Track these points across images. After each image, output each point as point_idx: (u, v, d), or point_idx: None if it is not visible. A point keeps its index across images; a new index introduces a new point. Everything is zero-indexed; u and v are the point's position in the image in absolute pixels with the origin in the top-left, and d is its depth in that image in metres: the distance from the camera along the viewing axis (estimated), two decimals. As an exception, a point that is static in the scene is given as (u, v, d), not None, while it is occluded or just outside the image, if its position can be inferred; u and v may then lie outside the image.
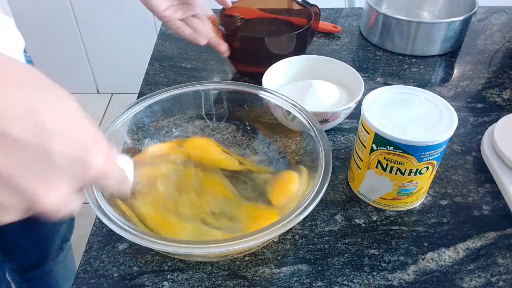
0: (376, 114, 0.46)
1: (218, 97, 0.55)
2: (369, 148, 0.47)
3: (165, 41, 0.81)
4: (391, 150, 0.45)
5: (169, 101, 0.52)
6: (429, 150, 0.44)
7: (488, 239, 0.48)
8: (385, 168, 0.47)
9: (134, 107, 0.50)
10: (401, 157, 0.45)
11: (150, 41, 0.87)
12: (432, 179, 0.49)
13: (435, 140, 0.43)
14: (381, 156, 0.46)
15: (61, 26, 1.77)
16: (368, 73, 0.73)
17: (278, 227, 0.38)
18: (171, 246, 0.36)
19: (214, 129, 0.56)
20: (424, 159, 0.45)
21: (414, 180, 0.47)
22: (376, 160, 0.47)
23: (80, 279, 0.44)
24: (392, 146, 0.44)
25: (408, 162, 0.45)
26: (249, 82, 0.70)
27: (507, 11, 0.90)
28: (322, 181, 0.41)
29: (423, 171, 0.46)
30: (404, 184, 0.47)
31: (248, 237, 0.37)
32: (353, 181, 0.52)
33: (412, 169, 0.46)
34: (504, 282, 0.44)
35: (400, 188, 0.48)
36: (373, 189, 0.50)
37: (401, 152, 0.44)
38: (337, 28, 0.82)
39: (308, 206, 0.39)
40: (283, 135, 0.54)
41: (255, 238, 0.37)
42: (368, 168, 0.48)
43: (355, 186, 0.52)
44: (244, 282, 0.44)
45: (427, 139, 0.43)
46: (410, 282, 0.44)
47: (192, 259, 0.46)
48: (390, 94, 0.48)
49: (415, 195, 0.49)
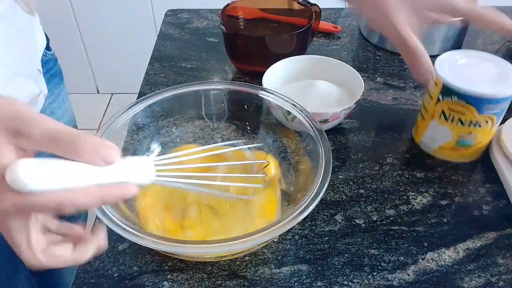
0: (446, 69, 0.51)
1: (218, 97, 0.55)
2: (436, 99, 0.52)
3: (165, 41, 0.81)
4: (455, 100, 0.50)
5: (169, 101, 0.52)
6: (490, 104, 0.49)
7: (488, 239, 0.48)
8: (447, 117, 0.52)
9: (134, 107, 0.50)
10: (463, 107, 0.50)
11: (150, 41, 0.87)
12: (490, 137, 0.53)
13: (496, 94, 0.48)
14: (445, 106, 0.52)
15: (61, 26, 1.77)
16: (368, 73, 0.73)
17: (278, 227, 0.38)
18: (171, 246, 0.36)
19: (214, 129, 0.56)
20: (485, 112, 0.50)
21: (473, 132, 0.52)
22: (440, 110, 0.52)
23: (80, 279, 0.44)
24: (456, 96, 0.50)
25: (469, 113, 0.50)
26: (249, 82, 0.70)
27: (507, 11, 0.90)
28: (322, 181, 0.41)
29: (483, 125, 0.51)
30: (463, 135, 0.52)
31: (248, 237, 0.37)
32: (417, 132, 0.58)
33: (472, 121, 0.51)
34: (504, 282, 0.44)
35: (459, 138, 0.53)
36: (434, 138, 0.55)
37: (464, 102, 0.50)
38: (337, 28, 0.82)
39: (308, 206, 0.39)
40: (283, 135, 0.54)
41: (255, 238, 0.37)
42: (432, 118, 0.54)
43: (417, 136, 0.58)
44: (244, 282, 0.44)
45: (489, 91, 0.48)
46: (410, 282, 0.44)
47: (192, 259, 0.46)
48: (462, 56, 0.54)
49: (473, 149, 0.54)
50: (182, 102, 0.53)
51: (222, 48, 0.73)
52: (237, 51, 0.70)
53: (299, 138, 0.51)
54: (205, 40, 0.81)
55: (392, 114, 0.65)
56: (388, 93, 0.68)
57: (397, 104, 0.66)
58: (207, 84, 0.54)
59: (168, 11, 0.89)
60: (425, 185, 0.54)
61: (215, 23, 0.85)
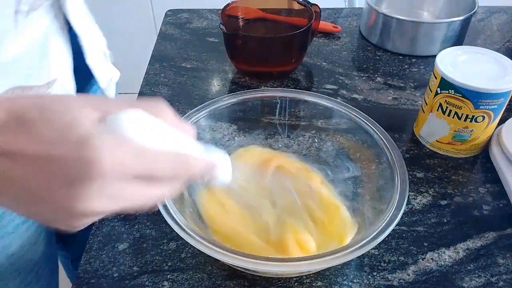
0: (446, 63, 0.53)
1: (290, 106, 0.54)
2: (434, 92, 0.54)
3: (165, 41, 0.81)
4: (452, 93, 0.51)
5: (234, 107, 0.52)
6: (486, 98, 0.50)
7: (488, 239, 0.48)
8: (444, 111, 0.53)
9: (195, 114, 0.49)
10: (460, 101, 0.51)
11: (150, 41, 0.87)
12: (488, 134, 0.54)
13: (492, 89, 0.49)
14: (442, 99, 0.53)
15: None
16: (368, 73, 0.73)
17: (347, 252, 0.36)
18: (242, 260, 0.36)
19: (282, 137, 0.55)
20: (481, 107, 0.50)
21: (470, 127, 0.53)
22: (438, 103, 0.53)
23: (80, 279, 0.44)
24: (453, 89, 0.51)
25: (465, 107, 0.51)
26: (249, 82, 0.70)
27: (507, 11, 0.90)
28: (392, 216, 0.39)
29: (479, 120, 0.52)
30: (460, 129, 0.53)
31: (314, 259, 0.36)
32: (417, 125, 0.59)
33: (469, 115, 0.51)
34: (504, 282, 0.44)
35: (455, 133, 0.54)
36: (431, 131, 0.56)
37: (460, 96, 0.51)
38: (337, 28, 0.82)
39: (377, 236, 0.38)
40: (360, 156, 0.51)
41: (322, 261, 0.36)
42: (431, 111, 0.55)
43: (417, 129, 0.59)
44: (244, 282, 0.44)
45: (484, 86, 0.49)
46: (410, 282, 0.44)
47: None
48: (464, 52, 0.55)
49: (469, 144, 0.55)
50: (251, 109, 0.53)
51: (222, 48, 0.73)
52: (237, 51, 0.70)
53: (377, 161, 0.48)
54: (205, 40, 0.81)
55: (392, 114, 0.65)
56: (388, 93, 0.68)
57: (397, 104, 0.66)
58: (281, 92, 0.54)
59: (168, 11, 0.89)
60: (425, 185, 0.54)
61: (215, 23, 0.85)
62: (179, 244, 0.47)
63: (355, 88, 0.69)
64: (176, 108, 0.66)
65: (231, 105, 0.52)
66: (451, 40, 0.76)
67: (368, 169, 0.49)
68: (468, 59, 0.54)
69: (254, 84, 0.70)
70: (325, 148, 0.54)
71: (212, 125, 0.52)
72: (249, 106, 0.53)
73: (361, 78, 0.72)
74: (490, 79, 0.51)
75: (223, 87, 0.70)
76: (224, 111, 0.52)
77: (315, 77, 0.72)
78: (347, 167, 0.51)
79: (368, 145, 0.49)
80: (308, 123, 0.54)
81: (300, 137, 0.55)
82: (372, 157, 0.48)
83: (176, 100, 0.67)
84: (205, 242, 0.37)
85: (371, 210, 0.45)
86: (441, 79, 0.52)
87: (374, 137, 0.47)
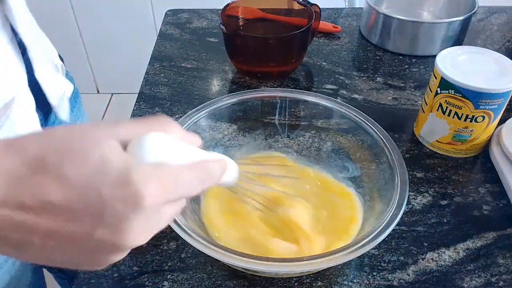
0: (446, 63, 0.53)
1: (290, 106, 0.54)
2: (434, 92, 0.53)
3: (165, 41, 0.81)
4: (452, 93, 0.51)
5: (234, 107, 0.52)
6: (486, 98, 0.50)
7: (488, 239, 0.48)
8: (444, 111, 0.53)
9: (195, 114, 0.49)
10: (460, 101, 0.51)
11: (150, 41, 0.87)
12: (488, 134, 0.54)
13: (491, 89, 0.49)
14: (442, 99, 0.53)
15: (61, 26, 1.77)
16: (368, 73, 0.73)
17: (349, 251, 0.36)
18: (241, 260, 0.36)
19: (282, 137, 0.55)
20: (481, 107, 0.50)
21: (469, 127, 0.53)
22: (438, 103, 0.53)
23: (80, 279, 0.44)
24: (453, 89, 0.51)
25: (465, 107, 0.51)
26: (249, 82, 0.70)
27: (507, 11, 0.90)
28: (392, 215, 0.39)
29: (479, 120, 0.52)
30: (460, 129, 0.53)
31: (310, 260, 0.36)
32: (417, 125, 0.59)
33: (468, 115, 0.51)
34: (504, 282, 0.44)
35: (455, 133, 0.54)
36: (431, 131, 0.56)
37: (460, 96, 0.50)
38: (337, 28, 0.82)
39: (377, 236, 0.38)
40: (360, 156, 0.51)
41: (322, 261, 0.36)
42: (431, 111, 0.55)
43: (417, 129, 0.59)
44: (244, 282, 0.44)
45: (484, 86, 0.49)
46: (410, 282, 0.44)
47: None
48: (464, 52, 0.55)
49: (469, 144, 0.55)
50: (250, 109, 0.53)
51: (222, 48, 0.73)
52: (237, 51, 0.70)
53: (377, 161, 0.48)
54: (205, 40, 0.81)
55: (392, 114, 0.65)
56: (388, 93, 0.68)
57: (397, 104, 0.66)
58: (281, 92, 0.54)
59: (168, 11, 0.89)
60: (425, 185, 0.54)
61: (215, 23, 0.85)
62: (179, 244, 0.47)
63: (355, 88, 0.69)
64: (176, 108, 0.66)
65: (231, 105, 0.52)
66: (451, 40, 0.76)
67: (368, 169, 0.49)
68: (468, 59, 0.54)
69: (254, 84, 0.70)
70: (325, 148, 0.54)
71: (212, 125, 0.52)
72: (249, 106, 0.53)
73: (361, 78, 0.72)
74: (490, 79, 0.51)
75: (223, 87, 0.70)
76: (224, 111, 0.52)
77: (315, 77, 0.72)
78: (347, 167, 0.51)
79: (368, 145, 0.49)
80: (308, 123, 0.54)
81: (300, 137, 0.55)
82: (372, 157, 0.48)
83: (176, 100, 0.67)
84: (205, 242, 0.37)
85: (371, 210, 0.45)
86: (441, 79, 0.52)
87: (374, 137, 0.47)
